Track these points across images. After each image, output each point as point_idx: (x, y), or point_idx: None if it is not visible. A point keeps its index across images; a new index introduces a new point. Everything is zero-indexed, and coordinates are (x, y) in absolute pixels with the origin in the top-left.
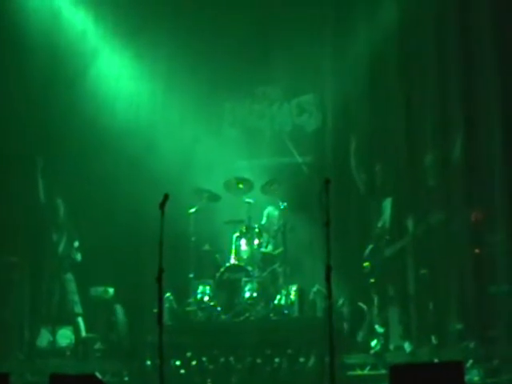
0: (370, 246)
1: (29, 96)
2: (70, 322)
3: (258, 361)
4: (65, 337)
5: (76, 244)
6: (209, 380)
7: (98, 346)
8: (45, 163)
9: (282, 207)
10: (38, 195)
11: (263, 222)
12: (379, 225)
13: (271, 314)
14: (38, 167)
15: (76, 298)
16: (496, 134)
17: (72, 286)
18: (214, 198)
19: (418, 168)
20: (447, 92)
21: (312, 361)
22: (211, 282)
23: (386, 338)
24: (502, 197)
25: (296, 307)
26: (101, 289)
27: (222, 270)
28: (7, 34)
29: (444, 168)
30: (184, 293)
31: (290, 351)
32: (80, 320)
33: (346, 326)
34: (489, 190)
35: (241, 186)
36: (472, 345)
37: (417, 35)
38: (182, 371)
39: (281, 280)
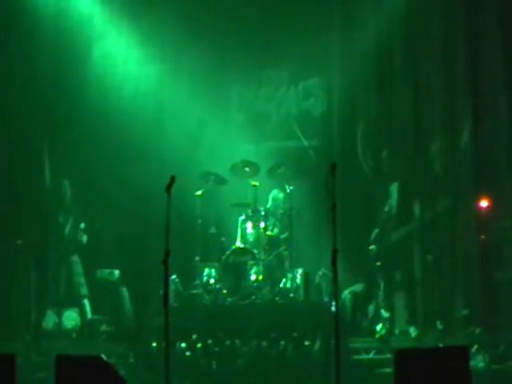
0: (376, 230)
1: (35, 79)
2: (76, 304)
3: (264, 344)
4: (71, 319)
5: (82, 226)
6: (214, 362)
7: (103, 328)
8: (52, 146)
9: (288, 191)
10: (44, 178)
11: (269, 205)
12: (386, 209)
13: (277, 298)
14: (45, 150)
15: (82, 280)
16: (504, 121)
17: (78, 268)
18: (221, 181)
19: (425, 154)
20: (455, 79)
21: (317, 344)
22: (217, 264)
23: (391, 322)
24: (508, 183)
25: (302, 291)
26: (107, 271)
27: (227, 252)
28: (14, 16)
29: (451, 155)
30: (190, 275)
31: (295, 334)
32: (86, 302)
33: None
34: (495, 177)
35: (247, 169)
36: (478, 331)
37: (424, 21)
38: (188, 353)
39: (287, 263)
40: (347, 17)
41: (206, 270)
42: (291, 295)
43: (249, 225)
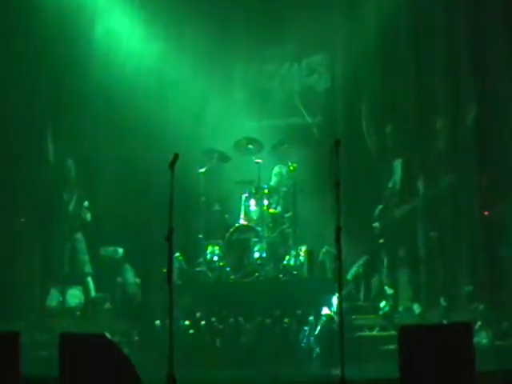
0: (380, 207)
1: (38, 58)
2: (80, 281)
3: (267, 321)
4: (74, 296)
5: (86, 204)
6: (218, 340)
7: (107, 305)
8: (55, 124)
9: (291, 168)
10: (47, 156)
11: (272, 182)
12: (389, 185)
13: (280, 275)
14: (48, 128)
15: (86, 257)
16: (508, 98)
17: (82, 246)
18: (224, 158)
19: (429, 130)
20: (458, 54)
21: (321, 321)
22: (220, 242)
23: (395, 299)
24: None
25: (305, 268)
26: (110, 249)
27: (231, 230)
28: None
29: (455, 131)
30: (193, 253)
31: (299, 312)
32: (89, 280)
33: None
34: (499, 154)
35: (251, 146)
36: (481, 307)
37: None
38: (191, 331)
39: (290, 241)
40: None
41: (210, 248)
42: (295, 272)
43: (252, 202)
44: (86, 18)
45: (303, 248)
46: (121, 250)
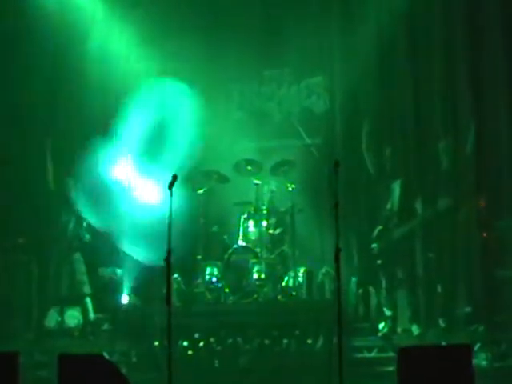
0: (379, 228)
1: (37, 77)
2: (78, 302)
3: (266, 342)
4: (73, 317)
5: (85, 224)
6: (216, 361)
7: (106, 326)
8: (55, 144)
9: (290, 189)
10: (47, 176)
11: (265, 202)
12: (388, 207)
13: (279, 296)
14: (48, 148)
15: (84, 278)
16: (506, 120)
17: (81, 267)
18: (223, 179)
19: (427, 152)
20: (457, 76)
21: (320, 342)
22: (219, 263)
23: (393, 320)
24: (510, 182)
25: (304, 289)
26: (109, 269)
27: (230, 251)
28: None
29: (454, 155)
30: (192, 274)
31: (297, 333)
32: (88, 300)
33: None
34: (497, 176)
35: (250, 167)
36: (480, 329)
37: (425, 17)
38: (190, 352)
39: (289, 262)
40: (348, 14)
41: (209, 269)
42: (293, 293)
43: (251, 223)
44: (80, 36)
45: (302, 269)
46: (119, 271)
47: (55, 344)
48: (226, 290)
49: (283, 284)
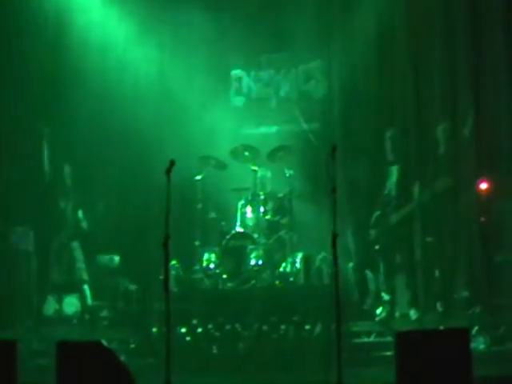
0: (377, 213)
1: (35, 62)
2: (77, 289)
3: (264, 328)
4: (71, 305)
5: (80, 213)
6: (215, 347)
7: (104, 313)
8: (52, 131)
9: (287, 175)
10: (43, 163)
11: (258, 187)
12: (385, 192)
13: (277, 282)
14: (44, 135)
15: (82, 265)
16: (506, 105)
17: (78, 254)
18: (221, 165)
19: (426, 136)
20: (456, 61)
21: (318, 328)
22: (217, 249)
23: (391, 305)
24: (509, 166)
25: (302, 274)
26: (107, 256)
27: (227, 237)
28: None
29: (453, 139)
30: (190, 260)
31: (296, 318)
32: (86, 288)
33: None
34: (497, 159)
35: (247, 153)
36: (478, 312)
37: (425, 3)
38: (188, 338)
39: (287, 247)
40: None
41: (206, 255)
42: (291, 279)
43: (248, 209)
44: (81, 26)
45: (300, 254)
46: (117, 258)
47: (54, 332)
48: (224, 276)
49: (281, 270)
